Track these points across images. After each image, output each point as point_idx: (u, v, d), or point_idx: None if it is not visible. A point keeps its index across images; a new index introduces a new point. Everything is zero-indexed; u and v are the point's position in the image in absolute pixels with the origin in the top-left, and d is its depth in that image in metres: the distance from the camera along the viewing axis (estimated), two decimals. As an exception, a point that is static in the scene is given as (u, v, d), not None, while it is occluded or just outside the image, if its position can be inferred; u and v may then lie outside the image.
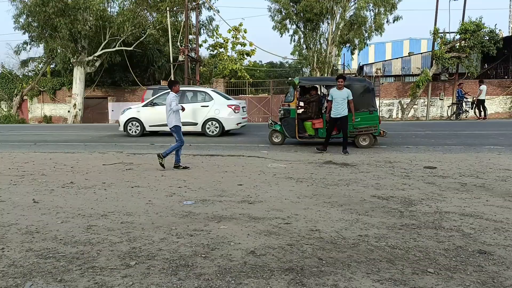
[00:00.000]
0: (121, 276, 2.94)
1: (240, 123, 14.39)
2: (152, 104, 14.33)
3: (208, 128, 14.09)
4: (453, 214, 4.44)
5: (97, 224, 4.21)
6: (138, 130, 14.46)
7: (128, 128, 14.53)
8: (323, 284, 2.77)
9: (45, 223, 4.27)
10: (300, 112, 11.28)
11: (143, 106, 14.53)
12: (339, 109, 9.36)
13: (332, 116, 9.54)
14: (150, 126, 14.42)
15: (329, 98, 9.68)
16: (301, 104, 11.47)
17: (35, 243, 3.67)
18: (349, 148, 9.89)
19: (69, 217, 4.49)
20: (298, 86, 10.99)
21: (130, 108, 15.01)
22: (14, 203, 5.18)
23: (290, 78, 11.88)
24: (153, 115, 14.16)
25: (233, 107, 14.11)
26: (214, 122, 14.05)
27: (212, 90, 14.81)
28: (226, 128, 14.09)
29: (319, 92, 11.70)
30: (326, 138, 9.92)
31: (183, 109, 8.04)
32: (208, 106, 14.04)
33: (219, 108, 14.01)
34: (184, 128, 9.49)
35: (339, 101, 9.37)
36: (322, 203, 5.04)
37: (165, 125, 9.25)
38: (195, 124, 14.05)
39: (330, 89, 10.06)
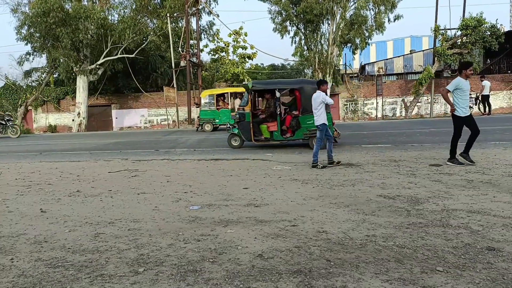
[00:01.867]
0: (130, 283, 2.95)
1: None
2: None
3: None
4: (461, 212, 4.42)
5: (104, 232, 4.23)
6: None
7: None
8: (332, 286, 2.77)
9: (53, 232, 4.29)
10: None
11: None
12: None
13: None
14: None
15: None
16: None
17: (44, 252, 3.69)
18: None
19: (76, 226, 4.51)
20: (251, 90, 11.20)
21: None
22: (22, 213, 5.21)
23: (244, 82, 12.19)
24: None
25: None
26: None
27: None
28: None
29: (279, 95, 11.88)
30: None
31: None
32: None
33: None
34: None
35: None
36: (328, 204, 5.03)
37: None
38: None
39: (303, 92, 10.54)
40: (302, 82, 11.19)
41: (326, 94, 8.25)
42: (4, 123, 21.10)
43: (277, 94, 10.95)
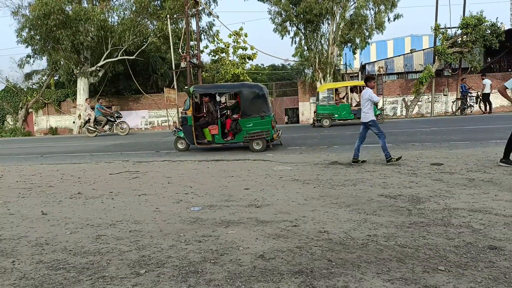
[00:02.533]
0: (132, 284, 2.95)
1: None
2: None
3: None
4: (462, 210, 4.41)
5: (105, 234, 4.23)
6: None
7: None
8: (334, 286, 2.76)
9: (54, 235, 4.29)
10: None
11: None
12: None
13: None
14: None
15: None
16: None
17: (45, 255, 3.69)
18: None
19: (78, 228, 4.51)
20: (192, 94, 11.38)
21: None
22: (23, 215, 5.22)
23: (186, 87, 12.55)
24: None
25: None
26: None
27: None
28: None
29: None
30: None
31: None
32: None
33: None
34: None
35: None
36: (329, 204, 5.02)
37: None
38: None
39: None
40: (242, 86, 11.41)
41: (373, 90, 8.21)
42: (113, 120, 21.01)
43: (218, 98, 11.29)
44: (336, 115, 18.95)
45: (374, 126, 7.95)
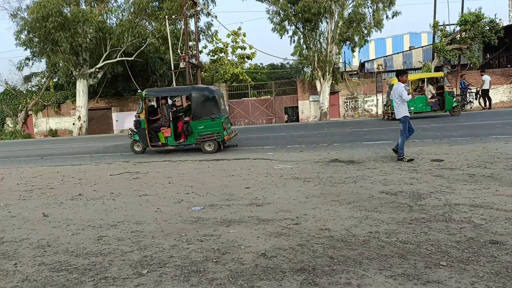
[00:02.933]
0: (134, 285, 2.95)
1: None
2: None
3: None
4: (463, 206, 4.42)
5: (107, 235, 4.23)
6: None
7: None
8: (336, 283, 2.76)
9: (56, 236, 4.30)
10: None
11: None
12: None
13: None
14: None
15: None
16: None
17: (47, 256, 3.70)
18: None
19: (79, 229, 4.52)
20: (144, 98, 11.57)
21: None
22: (24, 218, 5.22)
23: (138, 91, 12.75)
24: None
25: None
26: None
27: None
28: None
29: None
30: None
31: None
32: None
33: None
34: None
35: None
36: (330, 201, 5.02)
37: None
38: None
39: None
40: (193, 89, 11.64)
41: (407, 85, 7.91)
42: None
43: (169, 101, 11.45)
44: (412, 108, 17.78)
45: (403, 123, 7.78)
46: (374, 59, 31.90)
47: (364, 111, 26.07)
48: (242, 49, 33.11)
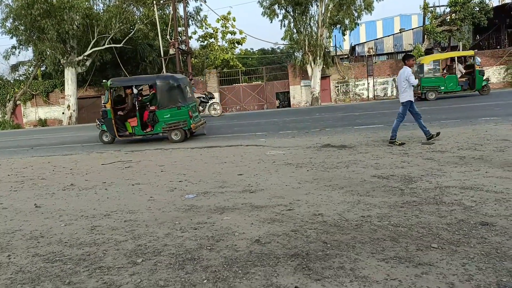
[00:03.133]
0: (129, 274, 2.96)
1: None
2: None
3: None
4: (454, 188, 4.47)
5: (100, 224, 4.22)
6: None
7: None
8: (329, 267, 2.80)
9: (49, 227, 4.28)
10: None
11: None
12: None
13: None
14: None
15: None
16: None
17: (41, 247, 3.69)
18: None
19: (72, 220, 4.50)
20: (110, 88, 11.52)
21: None
22: (16, 209, 5.18)
23: (104, 81, 12.79)
24: None
25: None
26: None
27: None
28: None
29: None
30: None
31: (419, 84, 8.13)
32: None
33: None
34: None
35: None
36: (323, 187, 5.06)
37: None
38: None
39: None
40: (157, 78, 11.59)
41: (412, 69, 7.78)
42: (206, 101, 20.32)
43: (135, 90, 11.43)
44: (443, 88, 17.90)
45: (404, 107, 7.77)
46: (364, 42, 31.83)
47: (355, 95, 26.10)
48: (232, 34, 32.82)
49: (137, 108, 11.36)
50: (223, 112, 20.73)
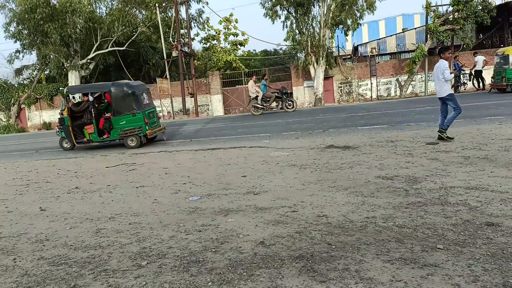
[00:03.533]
0: (134, 277, 2.97)
1: None
2: None
3: None
4: (459, 189, 4.45)
5: (105, 227, 4.24)
6: None
7: None
8: (334, 269, 2.79)
9: (54, 230, 4.30)
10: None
11: None
12: None
13: None
14: None
15: None
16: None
17: (46, 251, 3.70)
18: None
19: (77, 223, 4.52)
20: (66, 95, 11.69)
21: None
22: (21, 212, 5.21)
23: (60, 89, 13.03)
24: None
25: None
26: None
27: None
28: None
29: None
30: None
31: (455, 76, 7.91)
32: None
33: None
34: None
35: None
36: (327, 188, 5.05)
37: None
38: None
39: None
40: (112, 85, 11.69)
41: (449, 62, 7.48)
42: (281, 96, 19.68)
43: (90, 98, 11.61)
44: None
45: (451, 100, 7.58)
46: (367, 42, 31.73)
47: (359, 96, 26.05)
48: (234, 36, 32.81)
49: (93, 115, 11.58)
50: (295, 108, 20.00)
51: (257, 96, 19.41)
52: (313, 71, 24.68)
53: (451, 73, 7.68)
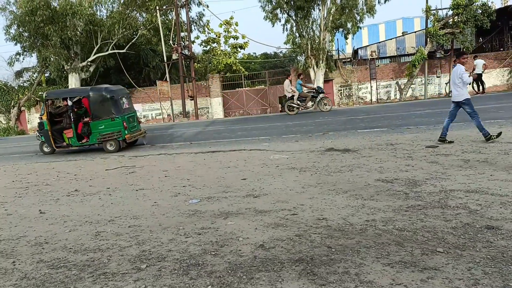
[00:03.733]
0: (133, 280, 2.96)
1: None
2: None
3: None
4: (458, 192, 4.45)
5: (105, 230, 4.23)
6: None
7: None
8: (334, 272, 2.78)
9: (53, 233, 4.29)
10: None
11: None
12: None
13: None
14: None
15: None
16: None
17: (45, 254, 3.69)
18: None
19: (76, 225, 4.51)
20: (45, 100, 11.80)
21: None
22: (21, 215, 5.20)
23: (40, 93, 13.24)
24: None
25: None
26: None
27: None
28: None
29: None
30: None
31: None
32: None
33: None
34: None
35: None
36: (327, 191, 5.04)
37: None
38: None
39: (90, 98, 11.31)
40: (91, 89, 11.80)
41: (464, 66, 7.63)
42: (316, 95, 18.91)
43: (69, 102, 11.65)
44: None
45: (467, 105, 7.48)
46: (367, 46, 31.81)
47: (359, 99, 26.07)
48: (234, 39, 32.87)
49: (72, 119, 11.62)
50: (331, 107, 19.34)
51: (293, 96, 19.04)
52: (313, 74, 24.70)
53: (469, 76, 7.60)
